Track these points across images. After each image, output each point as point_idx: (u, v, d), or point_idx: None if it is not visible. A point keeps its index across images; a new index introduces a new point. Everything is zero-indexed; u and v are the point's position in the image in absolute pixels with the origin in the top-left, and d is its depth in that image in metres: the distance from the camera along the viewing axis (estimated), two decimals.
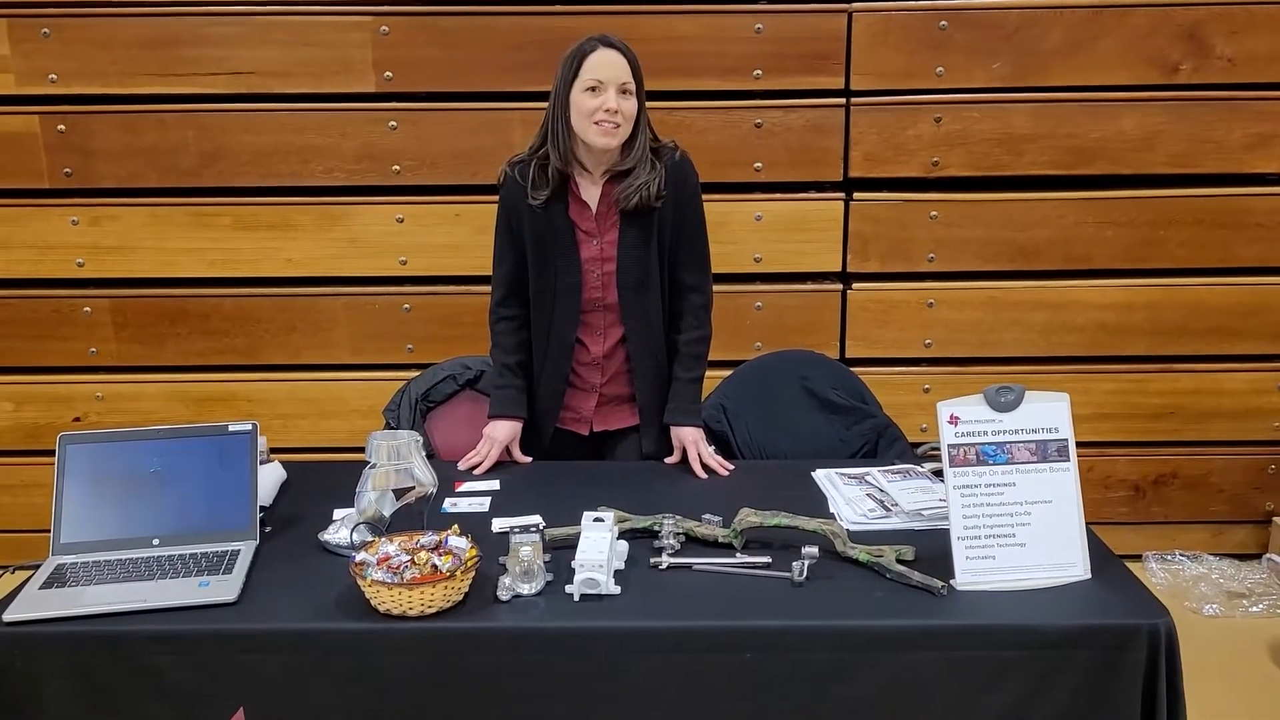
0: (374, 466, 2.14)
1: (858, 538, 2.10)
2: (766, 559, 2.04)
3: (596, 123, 2.42)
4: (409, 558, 1.89)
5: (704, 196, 2.65)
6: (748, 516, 2.10)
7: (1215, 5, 3.51)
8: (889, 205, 3.67)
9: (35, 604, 1.89)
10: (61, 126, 3.59)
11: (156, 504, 2.12)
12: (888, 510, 2.26)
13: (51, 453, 2.16)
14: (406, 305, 3.73)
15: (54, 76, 3.57)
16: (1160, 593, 2.25)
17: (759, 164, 3.64)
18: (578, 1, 3.52)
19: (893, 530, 2.18)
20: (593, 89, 2.41)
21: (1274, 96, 3.59)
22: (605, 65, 2.42)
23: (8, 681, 1.82)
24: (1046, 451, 1.99)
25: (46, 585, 1.96)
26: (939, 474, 2.34)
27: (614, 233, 2.56)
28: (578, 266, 2.57)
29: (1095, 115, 3.60)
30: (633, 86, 2.44)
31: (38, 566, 2.03)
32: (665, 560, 2.05)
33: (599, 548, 1.94)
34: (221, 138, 3.61)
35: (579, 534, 2.01)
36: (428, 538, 1.96)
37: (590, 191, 2.56)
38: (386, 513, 2.12)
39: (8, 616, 1.85)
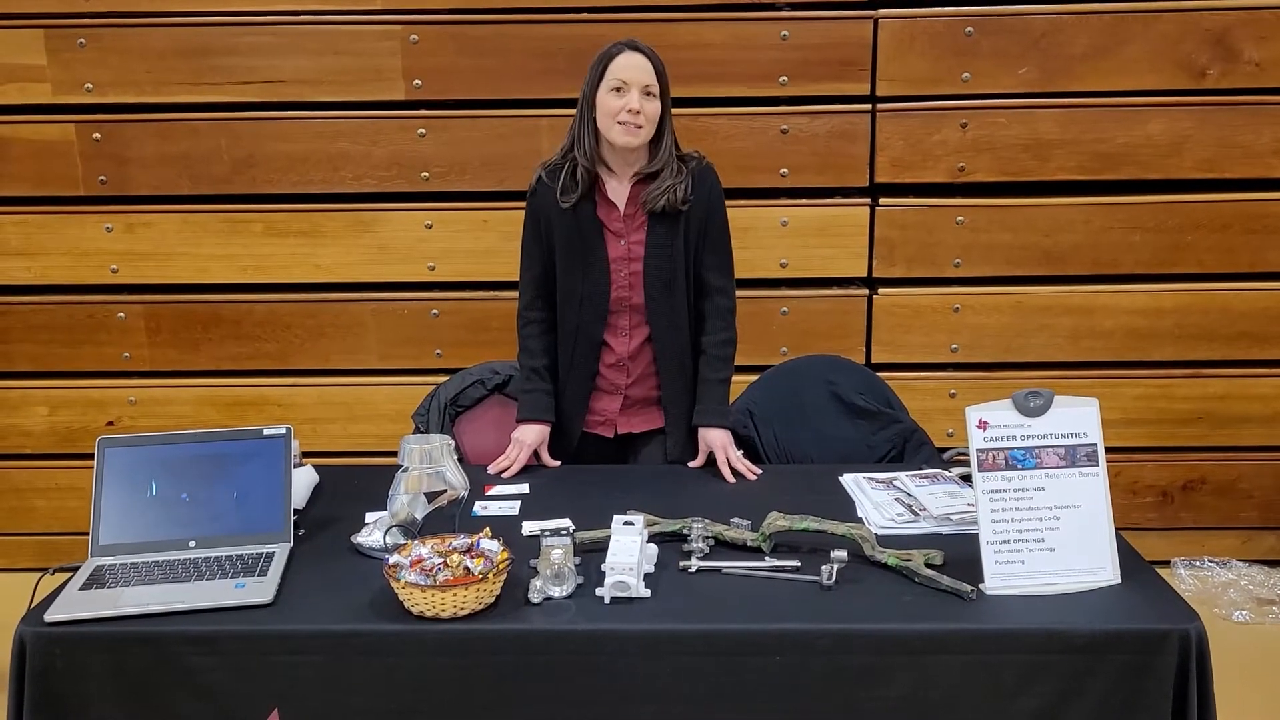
0: (406, 470, 2.16)
1: (886, 542, 2.11)
2: (795, 563, 2.06)
3: (620, 123, 2.46)
4: (441, 560, 1.91)
5: (730, 202, 2.68)
6: (776, 520, 2.11)
7: (1243, 10, 3.50)
8: (915, 211, 3.67)
9: (76, 605, 1.92)
10: (97, 135, 3.65)
11: (193, 506, 2.15)
12: (916, 515, 2.26)
13: (85, 456, 2.19)
14: (435, 310, 3.76)
15: (90, 86, 3.62)
16: (1189, 599, 2.24)
17: (785, 170, 3.65)
18: (606, 10, 3.55)
19: (921, 534, 2.19)
20: (617, 90, 2.46)
21: None
22: (630, 67, 2.47)
23: (50, 680, 1.86)
24: (1075, 456, 2.00)
25: (86, 586, 1.99)
26: (966, 479, 2.35)
27: (641, 233, 2.59)
28: (605, 266, 2.59)
29: (1122, 120, 3.59)
30: (656, 89, 2.49)
31: (77, 568, 2.07)
32: (694, 564, 2.06)
33: (629, 551, 1.96)
34: (254, 145, 3.65)
35: (609, 537, 2.02)
36: (460, 540, 1.98)
37: (618, 192, 2.59)
38: (419, 515, 2.15)
39: (49, 617, 1.89)
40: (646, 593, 1.94)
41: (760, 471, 2.58)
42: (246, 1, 3.58)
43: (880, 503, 2.33)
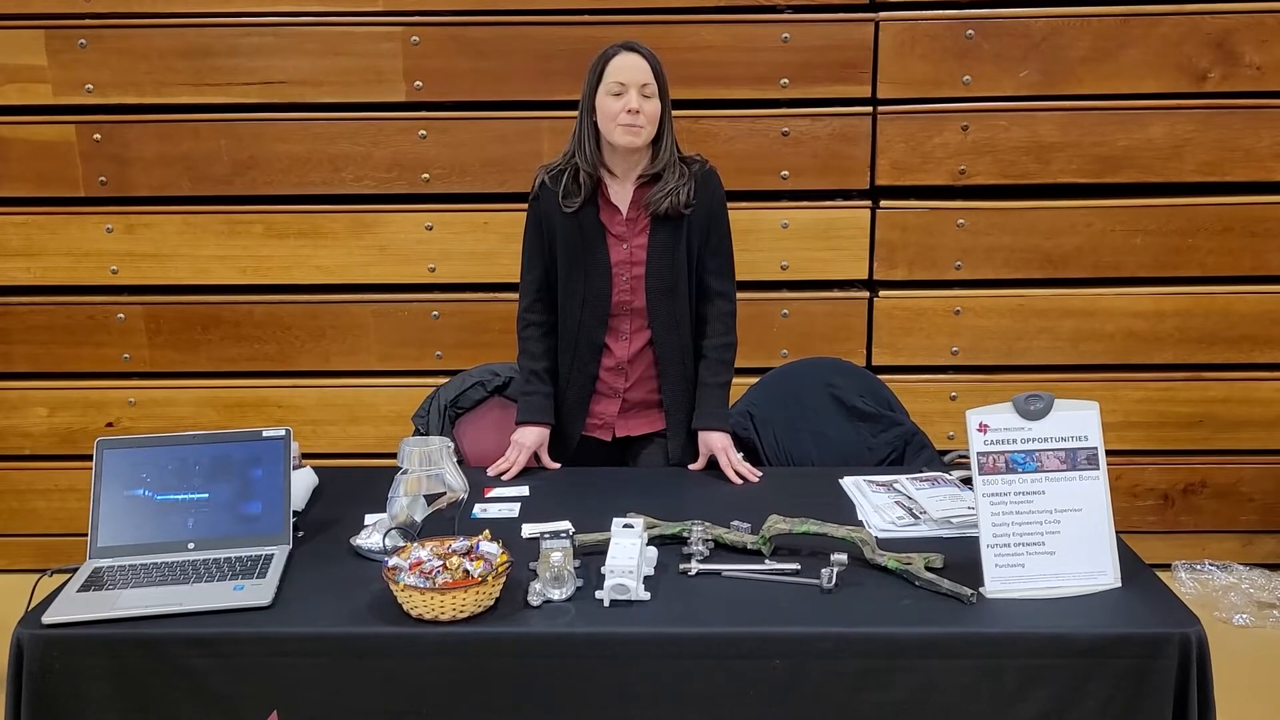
0: (406, 472, 2.16)
1: (886, 545, 2.10)
2: (795, 566, 2.05)
3: (621, 124, 2.47)
4: (441, 563, 1.91)
5: (731, 204, 2.68)
6: (776, 523, 2.11)
7: (1244, 14, 3.50)
8: (916, 213, 3.67)
9: (74, 607, 1.92)
10: (97, 136, 3.64)
11: (192, 509, 2.15)
12: (916, 518, 2.26)
13: (85, 457, 2.19)
14: (435, 312, 3.76)
15: (90, 86, 3.62)
16: (1189, 602, 2.24)
17: (786, 172, 3.65)
18: (606, 11, 3.55)
19: (921, 538, 2.18)
20: (616, 93, 2.47)
21: None
22: (627, 68, 2.47)
23: (48, 682, 1.85)
24: (1076, 460, 1.99)
25: (84, 588, 1.98)
26: (967, 482, 2.35)
27: (644, 236, 2.59)
28: (607, 269, 2.59)
29: (1123, 123, 3.59)
30: (654, 89, 2.49)
31: (75, 570, 2.06)
32: (694, 567, 2.06)
33: (629, 554, 1.95)
34: (254, 146, 3.65)
35: (608, 540, 2.02)
36: (459, 543, 1.98)
37: (621, 195, 2.59)
38: (418, 518, 2.15)
39: (47, 619, 1.88)
40: (646, 596, 1.94)
41: (761, 474, 2.58)
42: (247, 2, 3.58)
43: (880, 505, 2.33)
